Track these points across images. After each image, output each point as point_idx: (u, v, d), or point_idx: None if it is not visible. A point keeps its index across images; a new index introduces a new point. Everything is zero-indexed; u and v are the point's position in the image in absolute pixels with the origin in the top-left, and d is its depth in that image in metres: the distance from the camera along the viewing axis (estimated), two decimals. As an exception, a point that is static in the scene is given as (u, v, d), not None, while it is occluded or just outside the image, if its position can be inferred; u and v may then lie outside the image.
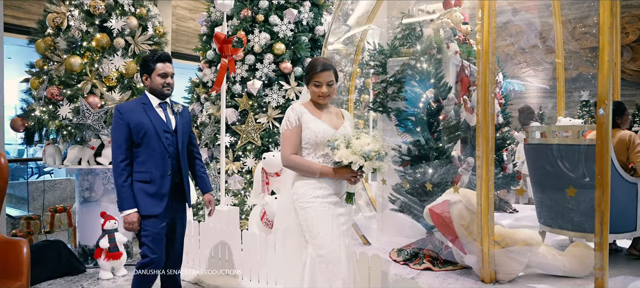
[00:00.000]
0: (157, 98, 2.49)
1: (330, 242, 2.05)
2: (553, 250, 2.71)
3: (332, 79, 2.15)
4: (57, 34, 3.64)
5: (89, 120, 3.56)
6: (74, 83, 3.61)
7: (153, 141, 2.40)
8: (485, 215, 2.39)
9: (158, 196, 2.41)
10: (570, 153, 2.80)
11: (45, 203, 5.63)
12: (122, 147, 2.37)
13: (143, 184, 2.39)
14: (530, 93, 8.86)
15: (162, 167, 2.42)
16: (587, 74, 8.27)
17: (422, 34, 3.24)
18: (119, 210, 2.40)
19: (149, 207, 2.40)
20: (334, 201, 2.13)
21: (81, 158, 3.77)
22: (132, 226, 2.38)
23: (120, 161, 2.37)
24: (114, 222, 3.69)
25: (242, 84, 4.54)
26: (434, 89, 3.02)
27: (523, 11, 5.95)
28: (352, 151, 2.01)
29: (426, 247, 3.03)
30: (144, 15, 3.94)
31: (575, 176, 2.76)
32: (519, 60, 8.85)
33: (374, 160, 2.01)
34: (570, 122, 4.11)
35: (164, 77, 2.45)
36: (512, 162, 4.69)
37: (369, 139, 2.05)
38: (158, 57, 2.46)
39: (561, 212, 2.99)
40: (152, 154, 2.40)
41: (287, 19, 4.49)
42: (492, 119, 2.26)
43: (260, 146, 4.43)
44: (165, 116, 2.48)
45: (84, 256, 3.97)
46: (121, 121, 2.38)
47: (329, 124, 2.16)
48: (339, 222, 2.12)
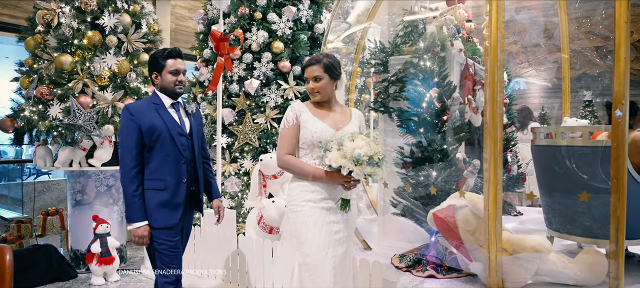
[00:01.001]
0: (169, 97, 2.28)
1: (316, 250, 1.92)
2: (563, 257, 2.59)
3: (318, 74, 2.03)
4: (47, 32, 3.53)
5: (80, 120, 3.44)
6: (64, 82, 3.50)
7: (167, 145, 2.18)
8: (493, 220, 2.27)
9: (172, 206, 2.19)
10: (580, 156, 2.68)
11: (41, 204, 5.50)
12: (132, 152, 2.12)
13: (156, 192, 2.16)
14: (533, 93, 8.75)
15: (177, 173, 2.21)
16: (591, 74, 8.17)
17: (425, 30, 3.11)
18: (128, 222, 2.18)
19: (163, 219, 2.17)
20: (327, 207, 1.99)
21: (72, 160, 3.66)
22: (142, 240, 2.15)
23: (131, 168, 2.12)
24: (106, 226, 3.58)
25: (240, 84, 4.43)
26: (437, 88, 2.90)
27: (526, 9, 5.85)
28: (343, 154, 1.85)
29: (429, 253, 2.91)
30: (138, 12, 3.83)
31: (586, 179, 2.63)
32: (521, 60, 8.74)
33: (364, 165, 1.83)
34: (577, 123, 3.99)
35: (175, 74, 2.25)
36: (517, 163, 4.58)
37: (363, 142, 1.88)
38: (168, 53, 2.26)
39: (570, 216, 2.86)
40: (165, 159, 2.18)
41: (286, 16, 4.38)
42: (500, 119, 2.14)
43: (258, 147, 4.32)
44: (179, 118, 2.28)
45: (75, 260, 3.86)
46: (132, 123, 2.14)
47: (330, 124, 2.03)
48: (331, 230, 1.97)
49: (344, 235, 2.03)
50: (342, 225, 2.02)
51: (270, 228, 3.42)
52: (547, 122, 8.29)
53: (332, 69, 2.05)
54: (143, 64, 3.83)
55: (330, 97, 2.11)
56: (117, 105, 3.57)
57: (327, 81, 2.05)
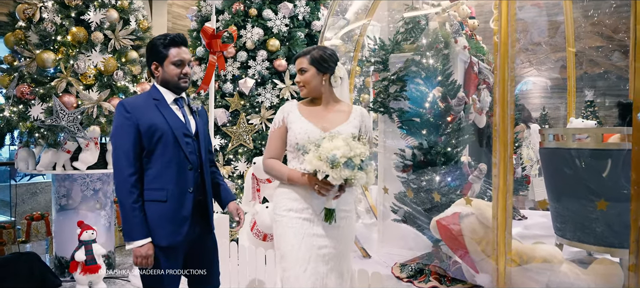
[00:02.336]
0: (172, 92, 1.94)
1: (294, 264, 1.74)
2: (576, 269, 2.42)
3: (303, 66, 1.88)
4: (28, 27, 3.34)
5: (63, 121, 3.26)
6: (46, 81, 3.31)
7: (170, 148, 1.85)
8: (502, 230, 2.11)
9: (177, 220, 1.85)
10: (593, 159, 2.52)
11: (32, 207, 5.30)
12: (129, 156, 1.80)
13: (156, 204, 1.84)
14: (534, 93, 8.62)
15: (182, 181, 1.87)
16: (592, 73, 8.05)
17: (427, 25, 2.95)
18: (126, 240, 1.82)
19: (166, 235, 1.83)
20: (308, 217, 1.79)
21: (56, 163, 3.47)
22: (145, 261, 1.79)
23: (129, 175, 1.79)
24: (91, 232, 3.39)
25: (234, 83, 4.28)
26: (441, 87, 2.73)
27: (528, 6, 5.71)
28: (318, 155, 1.64)
29: (432, 263, 2.74)
30: (126, 7, 3.65)
31: (600, 185, 2.47)
32: (522, 59, 8.60)
33: (341, 169, 1.61)
34: (583, 124, 3.84)
35: (179, 65, 1.90)
36: (521, 165, 4.43)
37: (342, 142, 1.66)
38: (171, 40, 1.90)
39: (581, 223, 2.70)
40: (168, 165, 1.85)
41: (282, 13, 4.23)
42: (511, 121, 1.98)
43: (253, 149, 4.17)
44: (184, 116, 1.94)
45: (60, 268, 3.67)
46: (128, 122, 1.81)
47: (317, 124, 1.84)
48: (313, 244, 1.76)
49: (331, 252, 1.79)
50: (329, 240, 1.79)
51: (264, 235, 3.25)
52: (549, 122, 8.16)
53: (320, 62, 1.87)
54: (131, 62, 3.65)
55: (320, 93, 1.91)
56: (102, 106, 3.39)
57: (312, 74, 1.87)
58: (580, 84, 7.81)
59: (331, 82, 1.91)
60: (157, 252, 1.84)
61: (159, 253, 1.83)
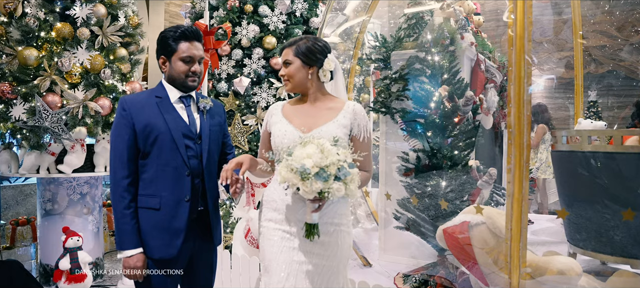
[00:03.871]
0: (178, 90, 1.78)
1: (271, 278, 1.60)
2: (594, 282, 2.25)
3: (288, 58, 1.70)
4: (9, 22, 3.17)
5: (46, 122, 3.08)
6: (29, 79, 3.13)
7: (166, 151, 1.70)
8: (517, 241, 1.93)
9: (170, 232, 1.70)
10: (615, 163, 2.35)
11: (23, 210, 5.11)
12: (123, 157, 1.67)
13: (148, 212, 1.70)
14: (535, 93, 8.47)
15: (177, 188, 1.70)
16: (594, 74, 7.92)
17: (432, 18, 2.78)
18: (118, 249, 1.70)
19: (158, 247, 1.68)
20: (289, 230, 1.63)
21: (40, 165, 3.29)
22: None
23: (122, 177, 1.67)
24: (77, 239, 3.22)
25: (228, 82, 4.12)
26: (447, 86, 2.56)
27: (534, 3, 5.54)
28: (289, 165, 1.43)
29: (438, 273, 2.57)
30: (114, 2, 3.47)
31: (625, 191, 2.30)
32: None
33: (312, 181, 1.39)
34: (593, 125, 3.67)
35: (188, 62, 1.73)
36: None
37: (314, 149, 1.43)
38: (182, 33, 1.72)
39: (596, 231, 2.53)
40: (163, 169, 1.70)
41: (279, 9, 4.06)
42: (527, 122, 1.81)
43: (248, 151, 3.99)
44: (188, 115, 1.78)
45: (45, 277, 3.50)
46: (124, 120, 1.69)
47: (297, 125, 1.66)
48: (292, 259, 1.59)
49: (314, 270, 1.60)
50: (313, 256, 1.61)
51: (258, 243, 3.08)
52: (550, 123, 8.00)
53: (306, 53, 1.67)
54: (120, 60, 3.47)
55: (306, 89, 1.72)
56: (89, 106, 3.21)
57: (297, 67, 1.68)
58: (584, 83, 7.67)
59: (320, 76, 1.71)
60: (150, 265, 1.70)
61: (152, 266, 1.70)
